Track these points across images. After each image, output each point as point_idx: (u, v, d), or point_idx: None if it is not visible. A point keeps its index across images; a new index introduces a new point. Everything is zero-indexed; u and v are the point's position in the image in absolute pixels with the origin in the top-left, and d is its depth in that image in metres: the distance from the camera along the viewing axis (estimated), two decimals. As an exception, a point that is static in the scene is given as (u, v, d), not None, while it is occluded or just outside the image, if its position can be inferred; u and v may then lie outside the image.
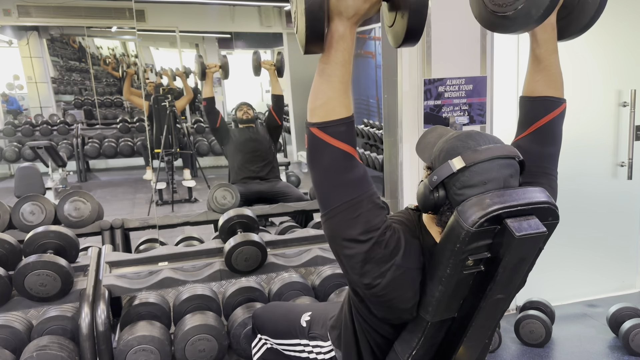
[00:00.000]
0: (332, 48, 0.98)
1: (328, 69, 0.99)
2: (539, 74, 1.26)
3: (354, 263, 1.04)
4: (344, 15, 0.96)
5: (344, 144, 1.00)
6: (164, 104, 3.92)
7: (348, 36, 0.98)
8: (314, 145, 1.01)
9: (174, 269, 2.14)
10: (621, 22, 2.82)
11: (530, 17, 1.10)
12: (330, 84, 0.99)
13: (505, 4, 1.14)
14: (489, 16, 1.20)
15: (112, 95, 5.66)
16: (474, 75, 2.55)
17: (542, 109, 1.26)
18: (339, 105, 1.00)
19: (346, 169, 1.01)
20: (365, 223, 1.02)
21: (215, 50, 5.47)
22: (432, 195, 1.05)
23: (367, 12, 0.98)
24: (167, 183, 4.03)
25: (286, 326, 1.56)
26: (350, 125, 1.01)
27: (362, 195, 1.02)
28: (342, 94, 1.00)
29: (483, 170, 1.02)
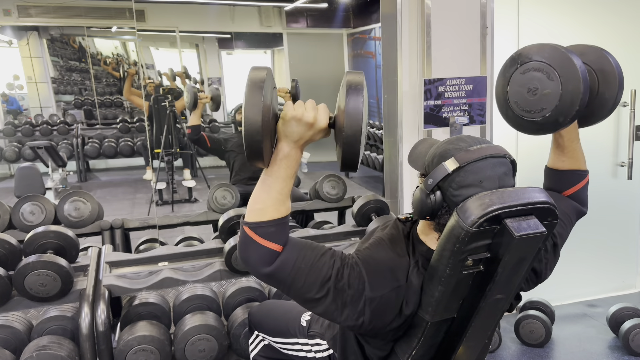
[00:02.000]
0: (276, 164, 1.05)
1: (269, 180, 1.07)
2: (564, 156, 1.40)
3: (332, 314, 1.09)
4: (290, 139, 1.03)
5: (271, 242, 1.06)
6: (164, 104, 3.92)
7: (292, 156, 1.05)
8: (243, 240, 1.09)
9: (174, 269, 2.14)
10: (621, 22, 2.82)
11: (557, 124, 1.20)
12: (269, 194, 1.06)
13: (533, 110, 1.22)
14: (516, 119, 1.29)
15: (112, 95, 5.66)
16: (474, 75, 2.55)
17: (572, 180, 1.43)
18: (272, 211, 1.07)
19: (270, 262, 1.07)
20: (314, 282, 1.07)
21: (215, 50, 5.46)
22: (429, 199, 1.06)
23: (311, 137, 1.04)
24: (167, 183, 4.02)
25: (285, 325, 1.57)
26: (280, 226, 1.07)
27: (292, 270, 1.07)
28: (278, 203, 1.07)
29: (477, 169, 1.03)
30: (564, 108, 1.17)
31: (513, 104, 1.26)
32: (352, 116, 0.97)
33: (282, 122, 1.03)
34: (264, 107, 0.95)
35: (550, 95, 1.18)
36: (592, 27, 2.78)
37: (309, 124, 1.01)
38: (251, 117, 0.95)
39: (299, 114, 1.00)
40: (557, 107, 1.17)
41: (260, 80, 0.97)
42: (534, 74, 1.21)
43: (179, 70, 4.86)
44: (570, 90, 1.17)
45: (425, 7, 2.42)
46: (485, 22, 2.50)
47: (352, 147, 0.99)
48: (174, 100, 4.01)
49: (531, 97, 1.21)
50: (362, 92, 0.99)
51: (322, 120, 1.02)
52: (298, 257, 1.08)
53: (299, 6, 5.01)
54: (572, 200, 1.42)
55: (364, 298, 1.07)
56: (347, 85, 0.99)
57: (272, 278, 1.08)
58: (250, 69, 1.00)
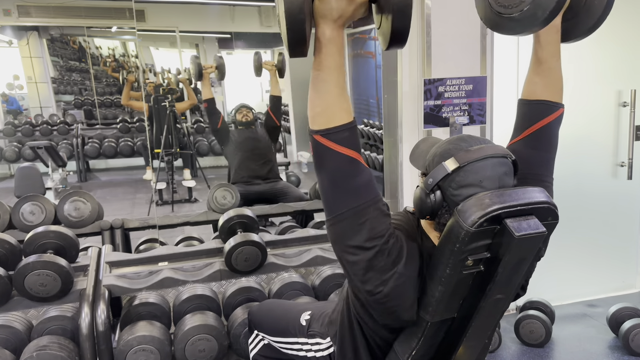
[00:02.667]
0: (322, 53, 0.97)
1: (321, 75, 0.98)
2: (538, 76, 1.24)
3: (357, 270, 1.04)
4: (329, 18, 0.95)
5: (348, 149, 0.99)
6: (164, 104, 3.92)
7: (336, 39, 0.97)
8: (318, 152, 1.01)
9: (174, 269, 2.14)
10: (621, 22, 2.82)
11: (536, 19, 1.09)
12: (327, 90, 0.98)
13: (511, 5, 1.12)
14: (494, 17, 1.19)
15: (112, 95, 5.66)
16: (474, 75, 2.55)
17: (539, 113, 1.24)
18: (338, 111, 0.99)
19: (352, 174, 1.01)
20: (370, 230, 1.02)
21: (215, 50, 5.46)
22: (429, 199, 1.06)
23: (352, 14, 0.97)
24: (167, 183, 4.03)
25: (285, 325, 1.57)
26: (352, 130, 1.01)
27: (368, 202, 1.02)
28: (340, 98, 0.99)
29: (477, 169, 1.03)
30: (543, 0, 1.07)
31: (491, 1, 1.17)
32: None
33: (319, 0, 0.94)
34: None
35: None
36: (592, 27, 2.78)
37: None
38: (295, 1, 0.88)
39: None
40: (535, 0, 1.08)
41: None
42: None
43: (183, 77, 4.88)
44: None
45: (425, 7, 2.42)
46: (485, 22, 2.50)
47: (404, 14, 0.92)
48: (173, 100, 4.01)
49: None
50: None
51: None
52: (376, 196, 1.02)
53: (299, 6, 5.01)
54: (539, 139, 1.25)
55: (395, 270, 1.04)
56: None
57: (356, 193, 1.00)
58: None
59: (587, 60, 2.78)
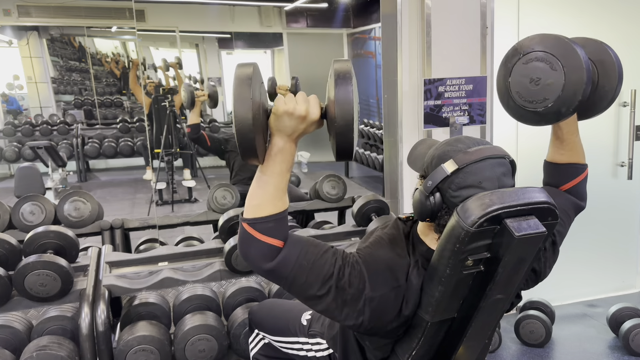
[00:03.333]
0: (270, 159, 1.04)
1: (264, 177, 1.06)
2: (563, 149, 1.38)
3: (332, 313, 1.09)
4: (283, 133, 1.02)
5: (271, 238, 1.06)
6: (164, 104, 3.92)
7: (287, 150, 1.04)
8: (242, 237, 1.08)
9: (174, 269, 2.14)
10: (621, 22, 2.82)
11: (560, 115, 1.19)
12: (265, 190, 1.06)
13: (535, 101, 1.21)
14: (517, 109, 1.27)
15: (112, 95, 5.66)
16: (474, 75, 2.55)
17: (568, 174, 1.41)
18: (270, 206, 1.06)
19: (271, 258, 1.06)
20: (315, 280, 1.07)
21: (215, 50, 5.46)
22: (429, 201, 1.06)
23: (305, 130, 1.03)
24: (167, 183, 4.03)
25: (285, 324, 1.57)
26: (278, 221, 1.07)
27: (294, 266, 1.06)
28: (274, 198, 1.07)
29: (476, 170, 1.03)
30: (566, 98, 1.16)
31: (515, 94, 1.25)
32: (342, 106, 0.96)
33: (274, 117, 1.01)
34: (253, 103, 0.94)
35: (553, 85, 1.17)
36: (592, 26, 2.78)
37: (302, 117, 1.00)
38: (241, 115, 0.94)
39: (291, 108, 0.99)
40: (559, 98, 1.16)
41: (247, 77, 0.96)
42: (537, 64, 1.20)
43: (173, 61, 4.80)
44: (574, 81, 1.16)
45: (425, 7, 2.42)
46: (485, 22, 2.50)
47: (345, 137, 0.98)
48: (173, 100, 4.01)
49: (534, 88, 1.20)
50: (351, 80, 0.97)
51: (314, 113, 1.01)
52: (300, 253, 1.07)
53: (299, 6, 5.02)
54: (571, 195, 1.41)
55: (364, 297, 1.07)
56: (335, 75, 0.98)
57: (274, 274, 1.08)
58: (236, 66, 0.99)
59: (587, 60, 2.79)
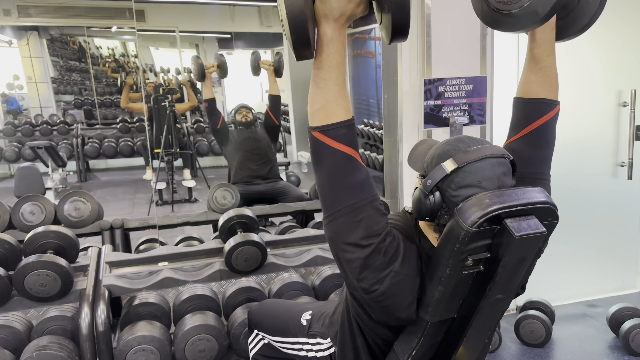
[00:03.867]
0: (323, 52, 0.99)
1: (321, 73, 1.00)
2: (534, 74, 1.25)
3: (353, 268, 1.05)
4: (330, 18, 0.97)
5: (346, 146, 1.00)
6: (163, 104, 3.92)
7: (337, 38, 0.98)
8: (316, 149, 1.02)
9: (174, 269, 2.14)
10: (621, 22, 2.82)
11: (536, 15, 1.09)
12: (326, 87, 1.00)
13: (510, 1, 1.12)
14: (492, 13, 1.18)
15: (112, 95, 5.66)
16: (474, 75, 2.55)
17: (536, 111, 1.24)
18: (337, 108, 1.00)
19: (349, 171, 1.01)
20: (367, 228, 1.02)
21: (215, 50, 5.46)
22: (428, 200, 1.06)
23: (353, 12, 0.98)
24: (167, 183, 4.03)
25: (285, 324, 1.56)
26: (350, 128, 1.01)
27: (364, 199, 1.02)
28: (338, 96, 1.00)
29: (476, 170, 1.03)
30: None
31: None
32: None
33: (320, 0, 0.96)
34: None
35: None
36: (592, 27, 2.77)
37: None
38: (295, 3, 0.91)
39: None
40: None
41: None
42: None
43: (184, 79, 4.88)
44: None
45: (425, 7, 2.42)
46: (485, 22, 2.50)
47: (403, 9, 0.94)
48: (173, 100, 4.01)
49: None
50: None
51: None
52: (372, 194, 1.03)
53: (299, 6, 5.01)
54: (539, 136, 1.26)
55: (392, 268, 1.05)
56: None
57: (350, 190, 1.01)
58: None
59: (587, 60, 2.78)
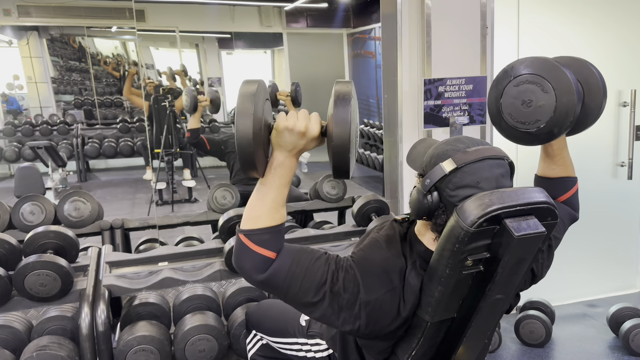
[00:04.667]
0: (270, 173, 1.07)
1: (263, 189, 1.08)
2: (554, 164, 1.41)
3: (329, 319, 1.09)
4: (284, 149, 1.06)
5: (265, 249, 1.07)
6: (163, 104, 3.92)
7: (287, 164, 1.07)
8: (238, 248, 1.10)
9: (174, 269, 2.14)
10: (621, 22, 2.82)
11: (551, 135, 1.24)
12: (263, 203, 1.08)
13: (528, 122, 1.25)
14: (510, 130, 1.31)
15: (112, 95, 5.65)
16: (474, 75, 2.55)
17: (562, 187, 1.42)
18: (267, 219, 1.08)
19: (264, 269, 1.07)
20: (309, 287, 1.07)
21: (215, 50, 5.46)
22: (426, 200, 1.06)
23: (305, 147, 1.07)
24: (167, 183, 4.02)
25: (284, 325, 1.56)
26: (274, 234, 1.08)
27: (287, 275, 1.07)
28: (272, 211, 1.08)
29: (474, 170, 1.03)
30: (558, 119, 1.21)
31: (507, 116, 1.29)
32: (339, 126, 1.00)
33: (276, 132, 1.05)
34: (254, 119, 0.98)
35: (545, 107, 1.22)
36: (592, 27, 2.78)
37: (301, 133, 1.03)
38: (242, 130, 0.98)
39: (291, 124, 1.02)
40: (551, 119, 1.22)
41: (251, 94, 1.00)
42: (528, 86, 1.25)
43: (178, 69, 4.85)
44: (565, 102, 1.20)
45: (425, 7, 2.42)
46: (485, 22, 2.50)
47: (341, 156, 1.02)
48: (174, 100, 4.01)
49: (525, 109, 1.25)
50: (350, 102, 1.00)
51: (314, 130, 1.04)
52: (292, 262, 1.08)
53: (299, 6, 5.01)
54: (566, 206, 1.44)
55: (359, 301, 1.07)
56: (334, 96, 1.01)
57: (267, 285, 1.09)
58: (241, 83, 1.03)
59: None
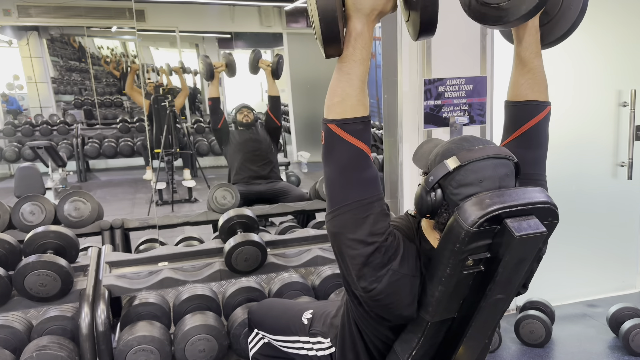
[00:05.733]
0: (350, 46, 0.99)
1: (346, 67, 1.00)
2: (523, 77, 1.26)
3: (355, 264, 1.05)
4: (362, 13, 0.97)
5: (361, 142, 1.00)
6: (163, 104, 3.92)
7: (366, 33, 0.99)
8: (330, 142, 1.01)
9: (174, 269, 2.14)
10: (621, 22, 2.82)
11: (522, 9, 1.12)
12: (349, 82, 1.00)
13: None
14: (479, 7, 1.21)
15: (112, 95, 5.66)
16: (474, 75, 2.55)
17: (527, 113, 1.26)
18: (357, 104, 1.00)
19: (361, 167, 1.01)
20: (372, 225, 1.02)
21: (215, 50, 5.46)
22: (429, 197, 1.06)
23: (383, 8, 0.99)
24: (167, 183, 4.02)
25: (285, 323, 1.56)
26: (367, 125, 1.02)
27: (373, 197, 1.03)
28: (360, 92, 1.00)
29: (478, 169, 1.03)
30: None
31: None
32: None
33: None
34: None
35: None
36: (591, 27, 2.77)
37: None
38: None
39: None
40: None
41: None
42: None
43: (176, 66, 4.85)
44: None
45: (426, 7, 2.42)
46: (486, 22, 2.50)
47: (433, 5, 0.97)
48: (173, 100, 4.01)
49: None
50: None
51: None
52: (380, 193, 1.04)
53: (299, 6, 5.01)
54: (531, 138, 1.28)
55: (390, 267, 1.05)
56: None
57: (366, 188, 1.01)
58: None
59: (587, 60, 2.78)
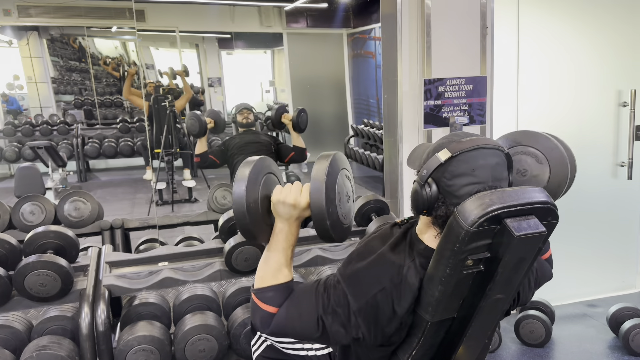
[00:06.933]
0: (274, 238, 1.21)
1: (267, 253, 1.21)
2: None
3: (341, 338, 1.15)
4: (281, 217, 1.18)
5: (268, 306, 1.18)
6: (163, 104, 3.92)
7: (287, 230, 1.19)
8: (251, 306, 1.22)
9: (174, 269, 2.14)
10: (621, 22, 2.82)
11: None
12: (268, 265, 1.20)
13: None
14: None
15: (112, 95, 5.65)
16: (474, 75, 2.55)
17: None
18: (271, 279, 1.20)
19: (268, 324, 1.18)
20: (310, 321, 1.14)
21: (215, 50, 5.46)
22: (424, 191, 1.07)
23: (300, 215, 1.17)
24: (167, 183, 4.03)
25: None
26: (278, 291, 1.19)
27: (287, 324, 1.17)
28: (275, 272, 1.20)
29: (469, 159, 1.05)
30: (551, 189, 1.28)
31: None
32: (314, 200, 1.11)
33: (272, 204, 1.18)
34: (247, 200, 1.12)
35: (539, 177, 1.30)
36: (592, 27, 2.78)
37: (291, 205, 1.15)
38: (238, 211, 1.13)
39: (282, 197, 1.15)
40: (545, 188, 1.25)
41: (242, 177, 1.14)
42: (524, 157, 1.33)
43: (180, 69, 4.85)
44: (558, 174, 1.29)
45: (425, 7, 2.42)
46: (485, 22, 2.50)
47: (320, 224, 1.13)
48: (173, 100, 4.01)
49: (520, 178, 1.32)
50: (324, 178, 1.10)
51: (302, 202, 1.15)
52: (288, 308, 1.17)
53: (299, 6, 5.02)
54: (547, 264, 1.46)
55: (352, 311, 1.10)
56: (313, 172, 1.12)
57: (276, 335, 1.21)
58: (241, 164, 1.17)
59: (587, 60, 2.78)
